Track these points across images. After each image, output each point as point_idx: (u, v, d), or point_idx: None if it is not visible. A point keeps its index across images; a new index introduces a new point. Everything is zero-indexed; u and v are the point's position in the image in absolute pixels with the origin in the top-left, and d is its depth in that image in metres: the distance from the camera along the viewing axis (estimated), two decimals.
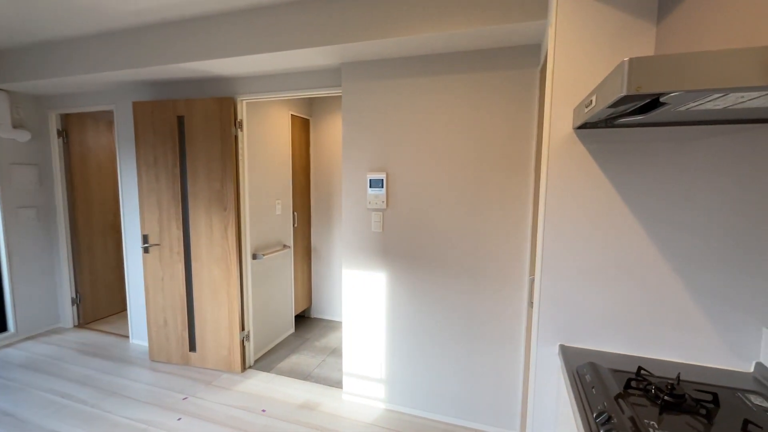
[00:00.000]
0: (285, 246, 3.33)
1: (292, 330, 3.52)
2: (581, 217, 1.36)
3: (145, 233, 2.83)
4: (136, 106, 2.73)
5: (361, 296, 2.38)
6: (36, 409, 2.33)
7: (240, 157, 2.69)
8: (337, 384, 2.64)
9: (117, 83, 2.86)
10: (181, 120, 2.69)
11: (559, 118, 1.36)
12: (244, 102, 2.71)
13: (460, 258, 2.13)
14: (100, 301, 3.77)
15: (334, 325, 3.69)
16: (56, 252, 3.50)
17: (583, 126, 1.25)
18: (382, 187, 2.22)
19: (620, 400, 1.02)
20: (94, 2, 2.05)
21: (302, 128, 3.59)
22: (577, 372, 1.21)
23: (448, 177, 2.12)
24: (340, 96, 3.49)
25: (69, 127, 3.45)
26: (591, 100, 1.02)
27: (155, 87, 2.90)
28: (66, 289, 3.52)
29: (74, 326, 3.59)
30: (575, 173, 1.35)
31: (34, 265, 3.38)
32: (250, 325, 2.85)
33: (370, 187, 2.25)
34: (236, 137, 2.64)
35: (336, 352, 3.14)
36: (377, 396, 2.40)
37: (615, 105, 0.88)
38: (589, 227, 1.35)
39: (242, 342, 2.77)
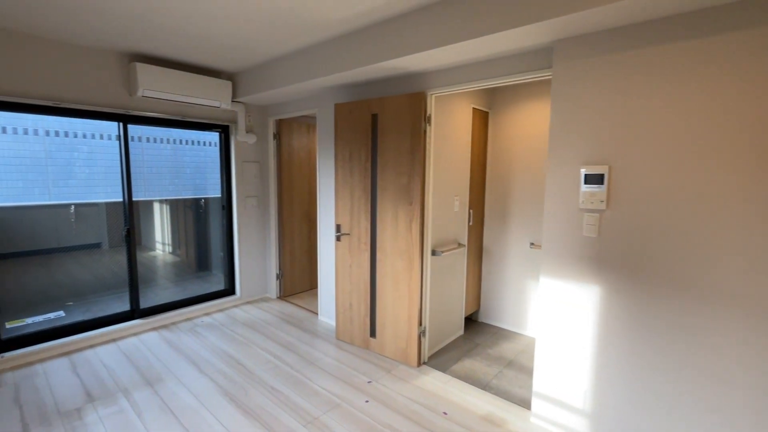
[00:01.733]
0: (460, 244, 3.22)
1: (461, 332, 3.39)
2: None
3: (338, 223, 3.12)
4: (337, 108, 3.02)
5: (562, 309, 2.05)
6: (258, 364, 2.80)
7: (426, 153, 2.68)
8: (521, 402, 2.38)
9: (320, 89, 3.22)
10: (374, 118, 2.84)
11: None
12: (433, 96, 2.69)
13: (721, 280, 1.60)
14: (295, 278, 4.41)
15: (505, 334, 3.41)
16: (268, 234, 4.23)
17: None
18: (602, 183, 1.85)
19: None
20: (312, 15, 2.30)
21: (481, 122, 3.41)
22: None
23: (706, 174, 1.61)
24: (526, 85, 3.17)
25: (280, 130, 4.11)
26: None
27: (352, 89, 3.16)
28: (273, 266, 4.23)
29: (277, 297, 4.29)
30: None
31: (253, 244, 4.17)
32: (426, 320, 2.84)
33: (585, 183, 1.90)
34: (424, 132, 2.63)
35: (513, 364, 2.86)
36: (577, 429, 2.04)
37: None
38: None
39: (419, 337, 2.78)
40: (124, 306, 3.56)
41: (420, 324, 2.78)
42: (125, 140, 3.24)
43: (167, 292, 4.15)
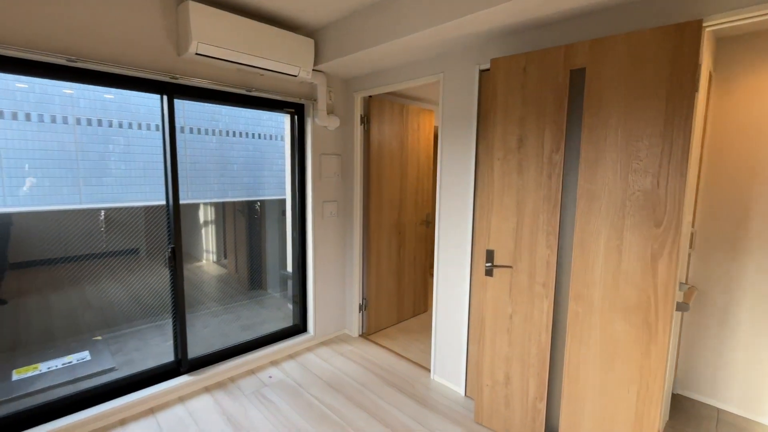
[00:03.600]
0: (690, 286, 2.01)
1: (667, 417, 2.19)
2: None
3: (491, 248, 1.98)
4: (499, 65, 1.88)
5: None
6: None
7: (692, 133, 1.50)
8: None
9: (452, 42, 2.09)
10: (575, 76, 1.68)
11: None
12: (706, 30, 1.50)
13: None
14: (381, 309, 3.33)
15: (735, 423, 2.17)
16: (349, 251, 3.17)
17: None
18: None
19: None
20: None
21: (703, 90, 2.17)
22: None
23: None
24: None
25: (370, 112, 3.03)
26: None
27: (512, 38, 2.01)
28: (355, 294, 3.16)
29: (359, 335, 3.23)
30: None
31: (330, 264, 3.11)
32: (662, 420, 1.66)
33: None
34: (694, 94, 1.45)
35: None
36: None
37: None
38: None
39: None
40: (165, 345, 2.63)
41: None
42: (170, 121, 2.24)
43: (216, 323, 3.20)
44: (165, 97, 2.21)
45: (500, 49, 2.06)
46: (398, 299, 3.46)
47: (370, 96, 3.00)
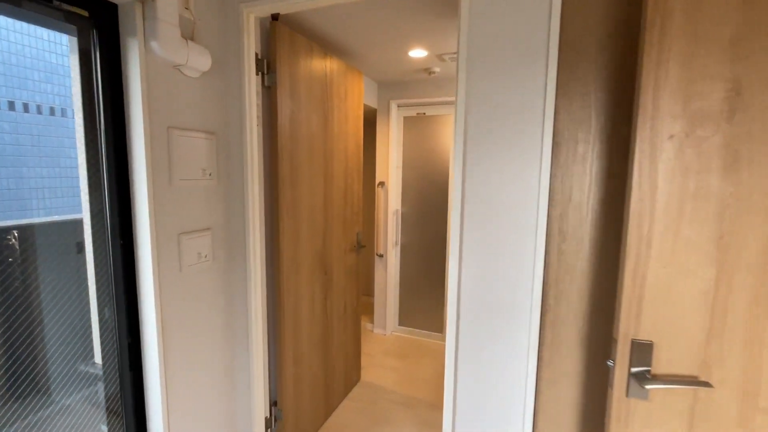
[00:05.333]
0: None
1: None
2: None
3: (643, 338, 0.89)
4: None
5: None
6: None
7: None
8: None
9: None
10: None
11: None
12: None
13: None
14: (304, 411, 1.89)
15: None
16: (241, 325, 1.62)
17: None
18: None
19: None
20: None
21: None
22: None
23: None
24: None
25: (276, 53, 1.55)
26: None
27: None
28: (257, 400, 1.64)
29: None
30: None
31: (204, 358, 1.52)
32: None
33: None
34: None
35: None
36: None
37: None
38: None
39: None
40: None
41: None
42: None
43: None
44: None
45: None
46: (326, 380, 2.08)
47: (276, 18, 1.53)
